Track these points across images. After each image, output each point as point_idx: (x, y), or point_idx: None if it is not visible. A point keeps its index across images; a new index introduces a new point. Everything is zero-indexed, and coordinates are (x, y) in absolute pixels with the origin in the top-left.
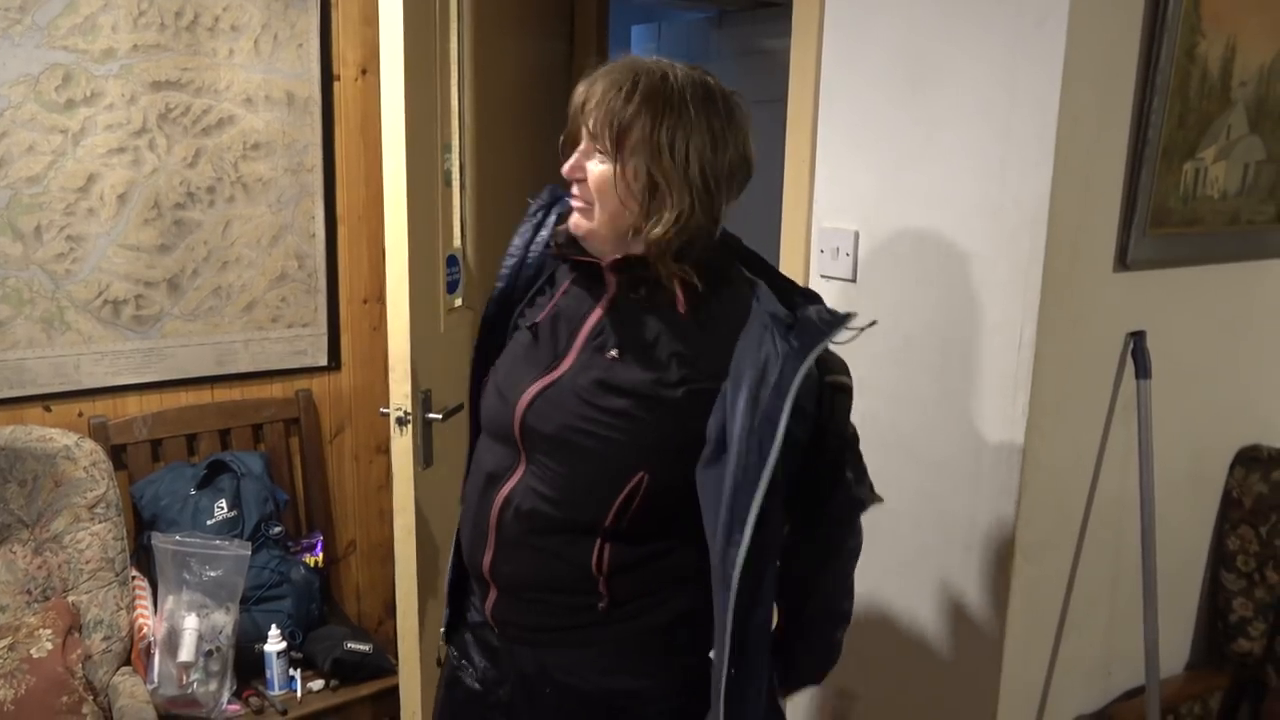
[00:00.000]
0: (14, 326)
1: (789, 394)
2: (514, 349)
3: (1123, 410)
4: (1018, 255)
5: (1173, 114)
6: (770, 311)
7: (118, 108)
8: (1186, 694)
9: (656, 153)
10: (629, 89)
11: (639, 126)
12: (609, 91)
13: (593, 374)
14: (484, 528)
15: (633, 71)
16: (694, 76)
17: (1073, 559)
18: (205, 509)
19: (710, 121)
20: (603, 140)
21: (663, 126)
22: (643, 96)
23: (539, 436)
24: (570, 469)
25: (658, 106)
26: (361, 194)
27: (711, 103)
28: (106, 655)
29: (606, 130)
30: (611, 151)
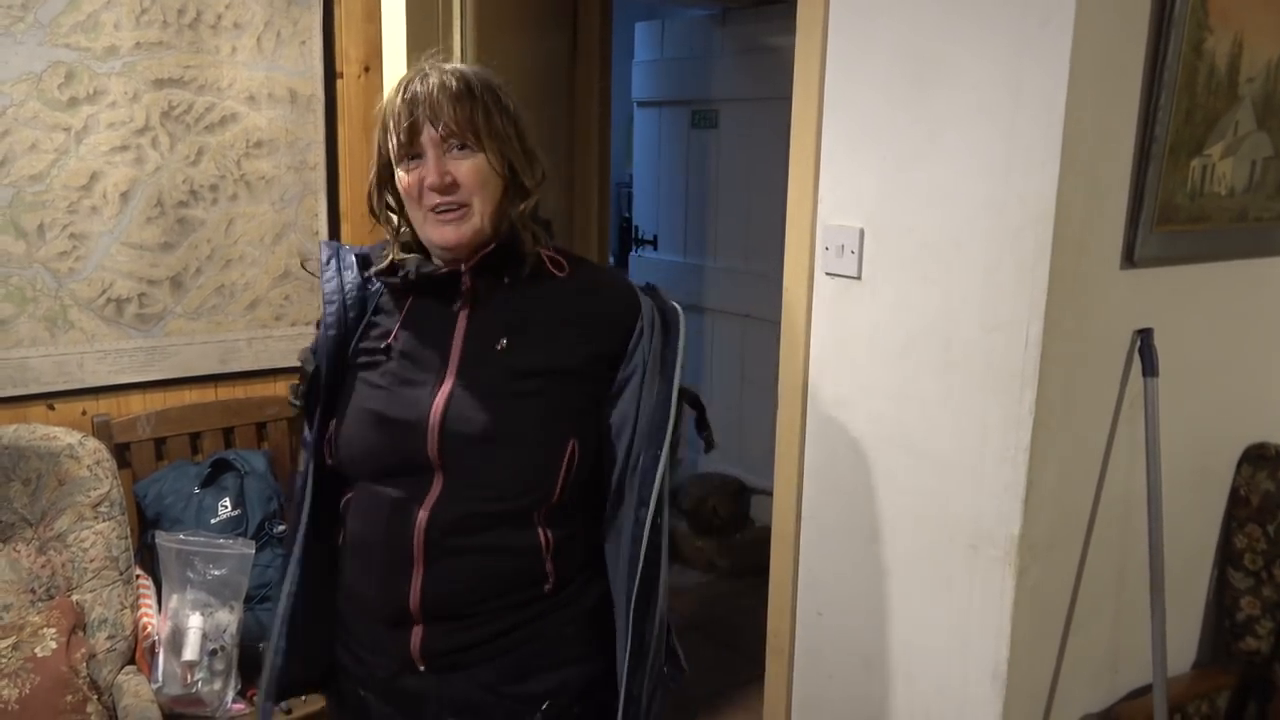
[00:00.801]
0: (17, 325)
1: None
2: (376, 380)
3: (1129, 408)
4: (1023, 253)
5: (1179, 110)
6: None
7: (120, 105)
8: (1193, 693)
9: (505, 136)
10: (461, 87)
11: (486, 116)
12: (446, 93)
13: (491, 370)
14: (404, 560)
15: (441, 74)
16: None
17: (1079, 557)
18: (209, 508)
19: (511, 101)
20: (464, 135)
21: (496, 112)
22: (475, 82)
23: (462, 444)
24: (505, 462)
25: (488, 96)
26: (364, 191)
27: (499, 87)
28: (111, 654)
29: (467, 126)
30: (475, 143)
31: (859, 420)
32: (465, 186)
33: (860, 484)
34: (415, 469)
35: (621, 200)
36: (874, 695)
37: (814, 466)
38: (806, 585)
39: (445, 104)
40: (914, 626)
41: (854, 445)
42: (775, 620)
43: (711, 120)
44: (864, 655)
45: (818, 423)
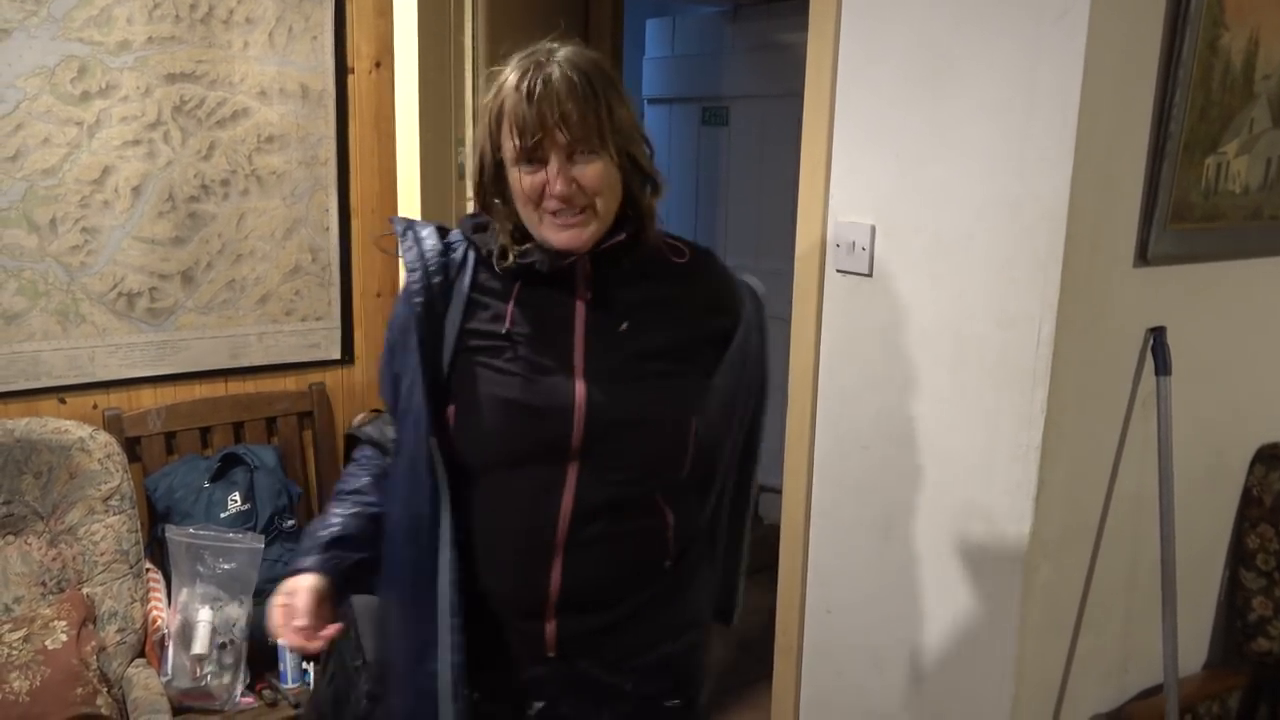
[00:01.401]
0: (29, 318)
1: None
2: (505, 367)
3: (1142, 407)
4: (1036, 250)
5: (1194, 108)
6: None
7: (133, 100)
8: (1204, 693)
9: (628, 132)
10: (585, 87)
11: (610, 114)
12: (574, 97)
13: (617, 354)
14: (543, 550)
15: (559, 58)
16: (584, 47)
17: (1090, 556)
18: (219, 502)
19: (618, 80)
20: (590, 140)
21: (614, 104)
22: (591, 78)
23: (604, 430)
24: (639, 446)
25: (609, 91)
26: (375, 187)
27: (609, 68)
28: (121, 647)
29: (594, 130)
30: (601, 145)
31: (869, 417)
32: (590, 190)
33: (870, 481)
34: (552, 457)
35: None
36: (883, 693)
37: (824, 463)
38: (815, 583)
39: (573, 109)
40: (924, 625)
41: (864, 442)
42: (784, 617)
43: (722, 117)
44: (873, 653)
45: (828, 420)
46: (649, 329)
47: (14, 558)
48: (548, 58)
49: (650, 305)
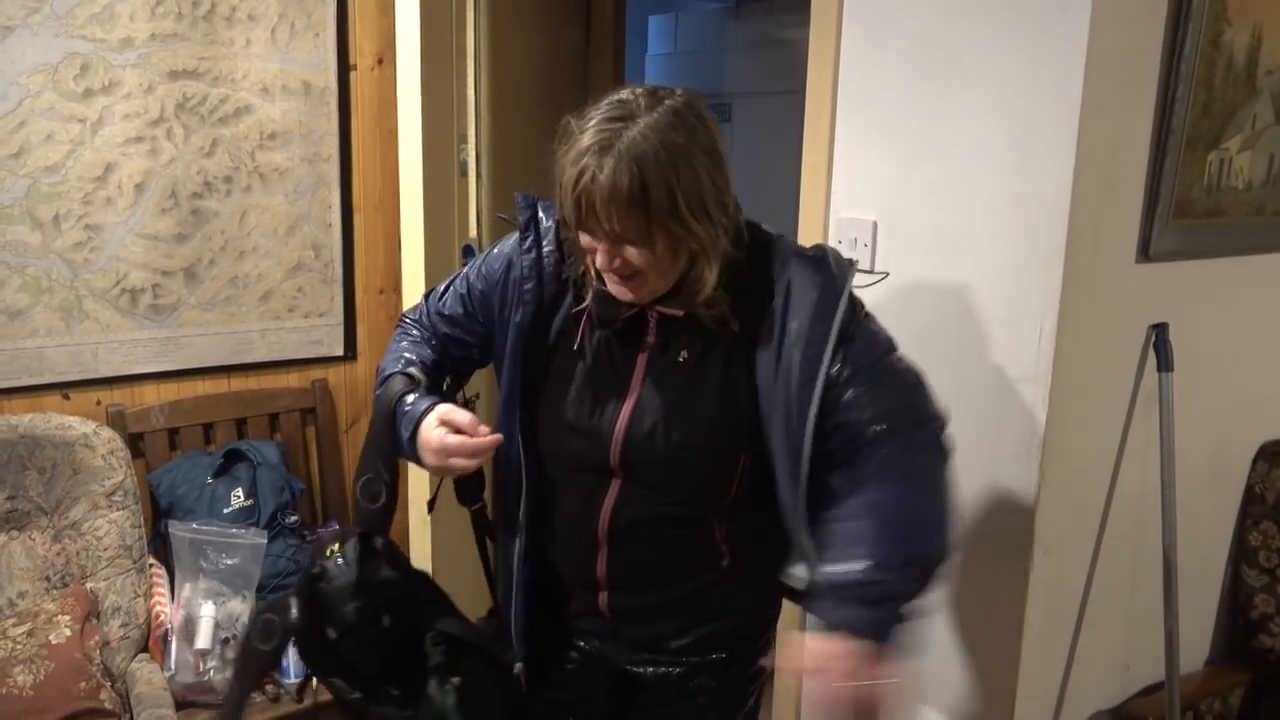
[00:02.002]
0: (33, 315)
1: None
2: (568, 382)
3: (1144, 403)
4: (1038, 246)
5: (1197, 103)
6: (794, 251)
7: (135, 97)
8: (1206, 690)
9: (684, 221)
10: (635, 177)
11: (663, 209)
12: (617, 201)
13: (673, 383)
14: (591, 541)
15: (620, 148)
16: (662, 109)
17: (1092, 553)
18: (221, 498)
19: (700, 145)
20: (631, 238)
21: (680, 193)
22: (651, 177)
23: (643, 457)
24: (681, 475)
25: (667, 177)
26: (378, 184)
27: (690, 126)
28: (124, 642)
29: (636, 230)
30: (643, 241)
31: None
32: (637, 269)
33: None
34: (599, 471)
35: None
36: None
37: None
38: None
39: (615, 213)
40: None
41: None
42: (787, 614)
43: (725, 114)
44: None
45: None
46: (704, 365)
47: (18, 553)
48: (617, 135)
49: (709, 344)
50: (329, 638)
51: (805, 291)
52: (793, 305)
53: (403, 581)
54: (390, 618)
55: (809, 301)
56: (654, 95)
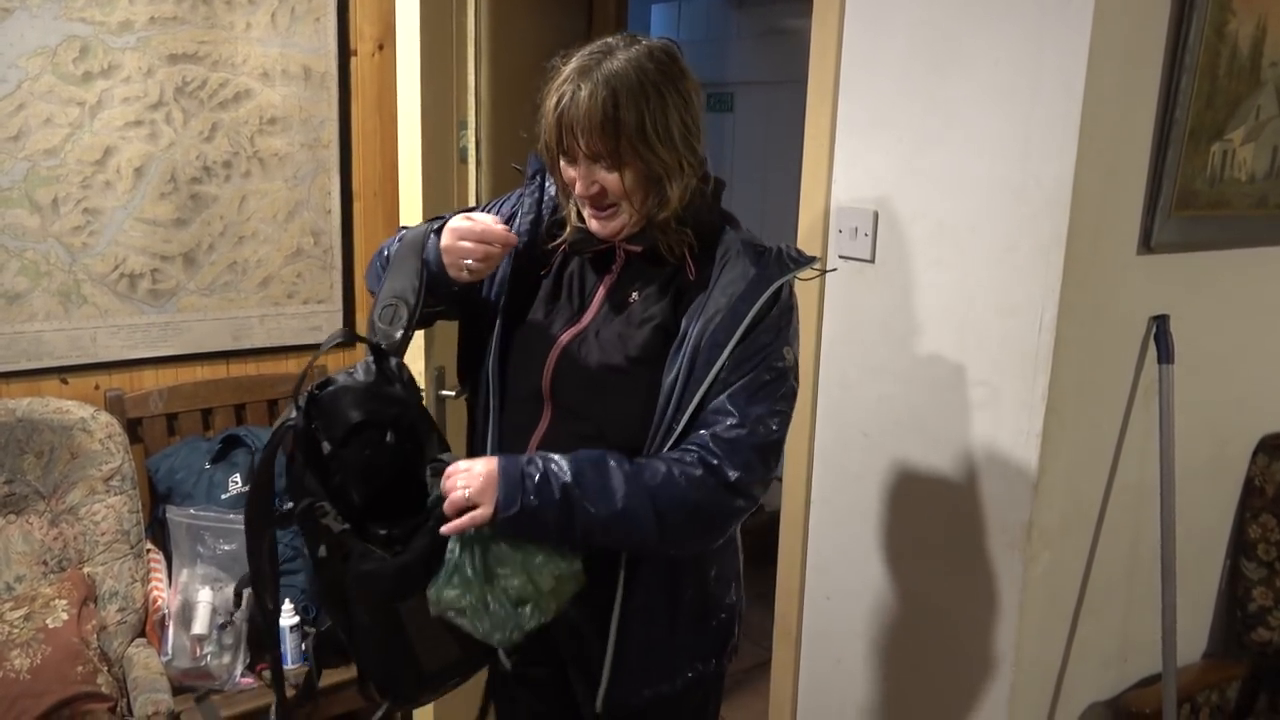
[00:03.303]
0: (31, 299)
1: (749, 313)
2: (537, 308)
3: (1144, 395)
4: (1039, 237)
5: (1200, 94)
6: (744, 240)
7: (135, 80)
8: (1203, 683)
9: (651, 145)
10: (608, 97)
11: (631, 131)
12: (592, 120)
13: (618, 319)
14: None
15: (598, 74)
16: (640, 47)
17: (1090, 545)
18: (220, 483)
19: (672, 83)
20: (605, 158)
21: (648, 119)
22: (623, 99)
23: (571, 381)
24: (599, 405)
25: (638, 102)
26: (378, 170)
27: (663, 65)
28: (121, 627)
29: (610, 151)
30: (616, 164)
31: (870, 404)
32: (611, 194)
33: (870, 468)
34: (534, 399)
35: None
36: (882, 680)
37: (824, 451)
38: (815, 570)
39: (591, 131)
40: (923, 612)
41: (864, 429)
42: (783, 604)
43: (727, 104)
44: (872, 640)
45: (828, 406)
46: (651, 304)
47: (15, 537)
48: (597, 64)
49: (661, 289)
50: (323, 453)
51: (732, 281)
52: (717, 289)
53: (413, 405)
54: (394, 436)
55: (731, 293)
56: (633, 38)
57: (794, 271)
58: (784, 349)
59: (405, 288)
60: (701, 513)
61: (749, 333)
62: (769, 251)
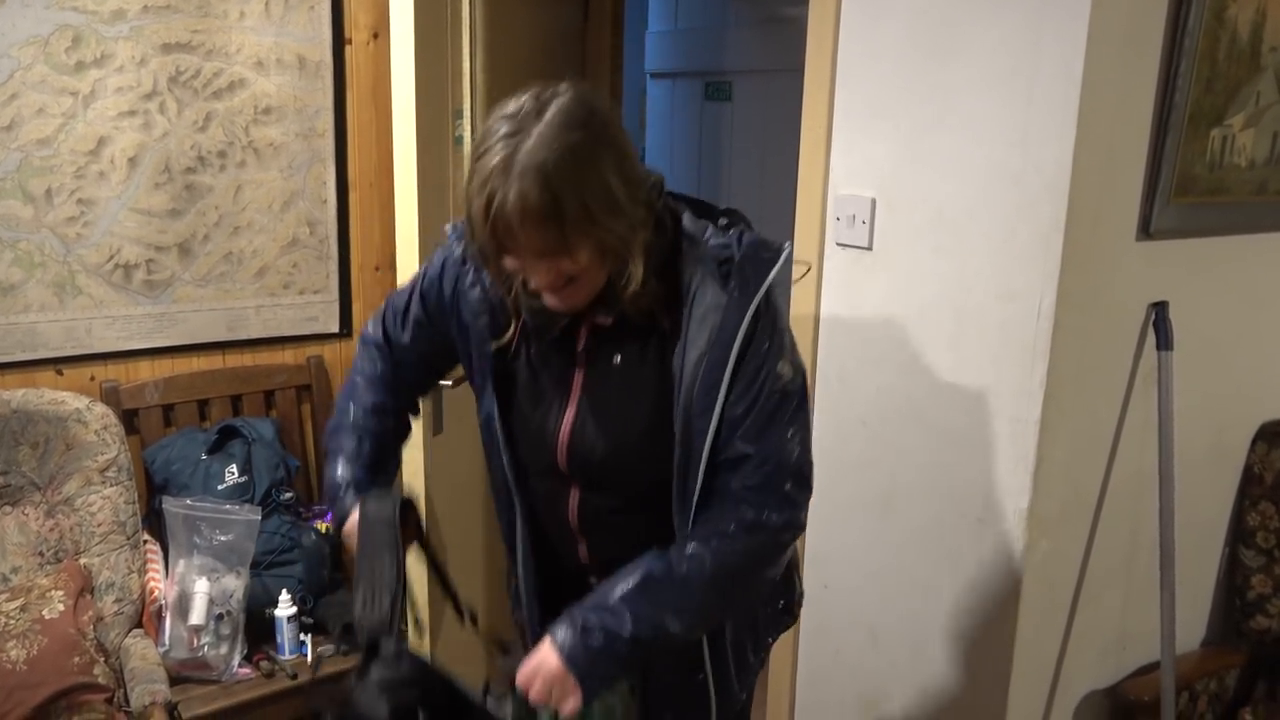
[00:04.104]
0: (25, 290)
1: (734, 344)
2: (521, 392)
3: (1143, 382)
4: (1038, 223)
5: (1200, 79)
6: (707, 260)
7: (128, 70)
8: (1202, 671)
9: (600, 222)
10: (542, 191)
11: (575, 217)
12: (526, 206)
13: (609, 393)
14: (570, 535)
15: (523, 165)
16: (551, 112)
17: (1089, 533)
18: (216, 474)
19: (599, 140)
20: (551, 249)
21: (589, 197)
22: (558, 187)
23: (590, 469)
24: (627, 479)
25: (574, 185)
26: (373, 159)
27: (583, 123)
28: (118, 617)
29: (549, 241)
30: (564, 252)
31: (868, 392)
32: (567, 278)
33: (868, 457)
34: (558, 476)
35: None
36: (880, 668)
37: (821, 439)
38: (813, 559)
39: (533, 230)
40: (921, 600)
41: (862, 418)
42: None
43: (725, 93)
44: (871, 628)
45: (826, 395)
46: (636, 364)
47: (11, 528)
48: (515, 150)
49: (643, 344)
50: None
51: (706, 314)
52: (693, 326)
53: (427, 675)
54: (428, 713)
55: (709, 326)
56: (539, 100)
57: (768, 277)
58: (779, 365)
59: (382, 580)
60: (759, 567)
61: (740, 363)
62: (734, 261)
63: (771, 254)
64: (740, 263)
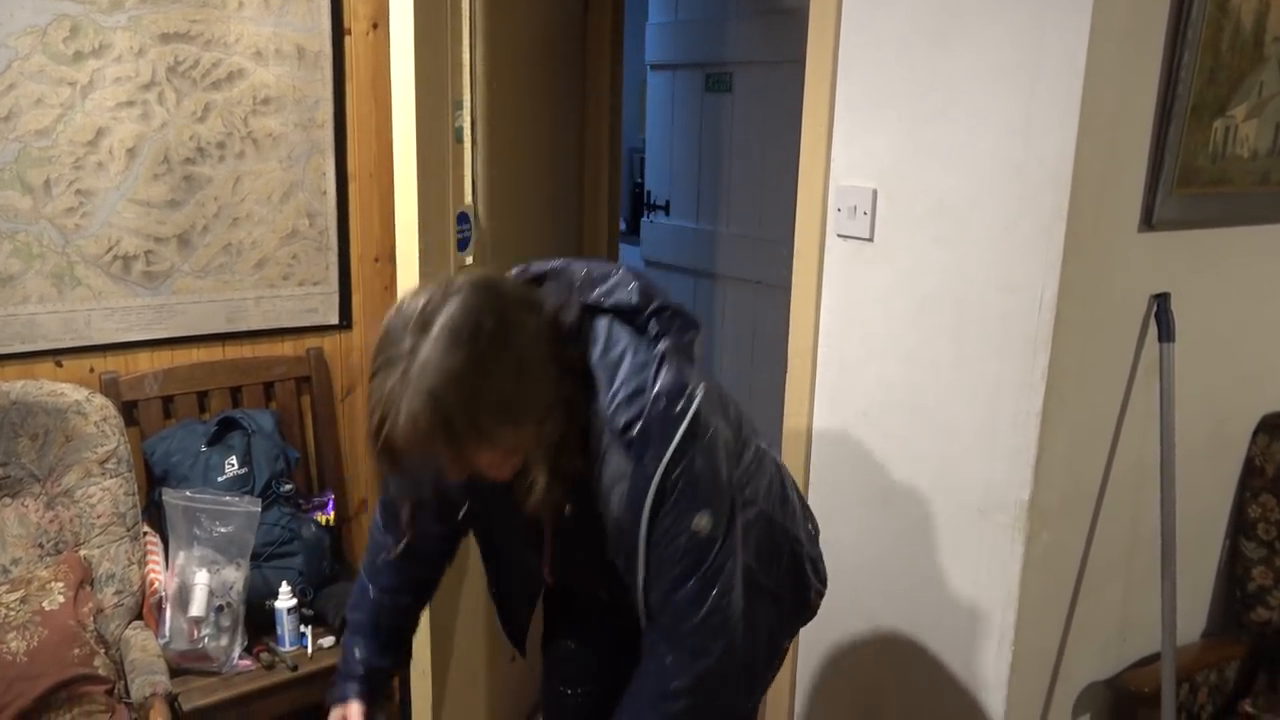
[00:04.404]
0: (24, 281)
1: (644, 508)
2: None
3: (1144, 374)
4: (1040, 214)
5: (1203, 70)
6: (611, 429)
7: (126, 60)
8: (1202, 662)
9: (491, 437)
10: (432, 413)
11: (465, 436)
12: (416, 429)
13: (575, 535)
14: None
15: (412, 384)
16: (438, 327)
17: (1090, 524)
18: (216, 466)
19: (489, 352)
20: (450, 463)
21: (478, 415)
22: (440, 410)
23: (575, 582)
24: (607, 584)
25: (465, 404)
26: (373, 151)
27: (472, 337)
28: (118, 609)
29: (447, 457)
30: (463, 461)
31: (869, 384)
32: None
33: (869, 449)
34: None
35: (634, 165)
36: (881, 660)
37: (822, 431)
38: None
39: (426, 450)
40: (922, 592)
41: (863, 410)
42: None
43: (725, 84)
44: (871, 620)
45: (827, 387)
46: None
47: (11, 520)
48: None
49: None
50: None
51: (615, 480)
52: (606, 489)
53: None
54: None
55: (619, 493)
56: (425, 313)
57: (675, 437)
58: (695, 520)
59: None
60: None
61: (654, 522)
62: (635, 430)
63: (684, 405)
64: (644, 428)
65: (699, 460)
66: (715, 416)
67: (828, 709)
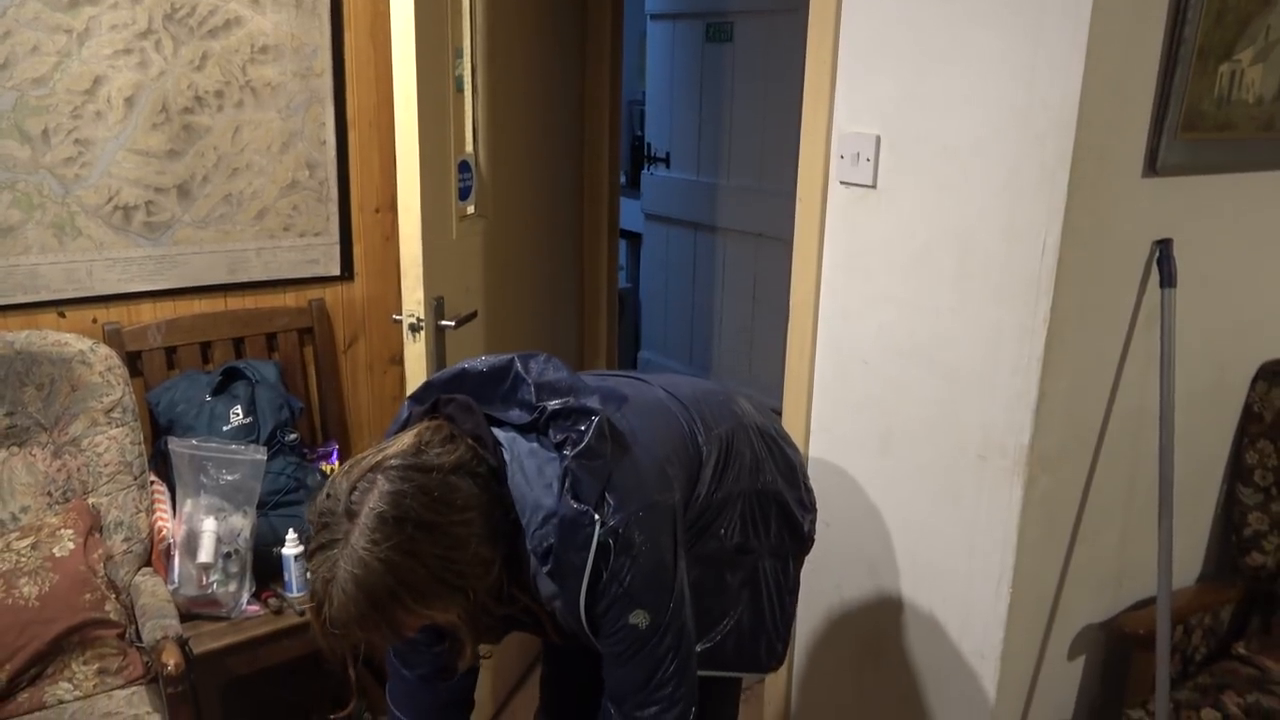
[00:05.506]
0: (25, 231)
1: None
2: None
3: (1145, 320)
4: (1044, 159)
5: (1210, 12)
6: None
7: (122, 7)
8: (1197, 605)
9: (423, 613)
10: (358, 603)
11: (398, 615)
12: (348, 618)
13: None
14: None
15: (342, 570)
16: (366, 513)
17: (1088, 469)
18: (221, 415)
19: (416, 532)
20: (389, 637)
21: (404, 596)
22: (370, 597)
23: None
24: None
25: (385, 589)
26: (373, 99)
27: (399, 519)
28: (127, 556)
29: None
30: (402, 631)
31: (870, 332)
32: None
33: (870, 396)
34: None
35: (634, 117)
36: (880, 604)
37: (824, 379)
38: None
39: (364, 630)
40: (921, 536)
41: (865, 357)
42: None
43: (726, 34)
44: (871, 564)
45: (828, 335)
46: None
47: (19, 468)
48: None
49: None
50: None
51: (549, 598)
52: (546, 601)
53: None
54: None
55: (555, 606)
56: (351, 500)
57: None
58: (629, 617)
59: None
60: None
61: (594, 625)
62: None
63: (588, 529)
64: (557, 559)
65: (626, 567)
66: (647, 494)
67: (828, 652)
